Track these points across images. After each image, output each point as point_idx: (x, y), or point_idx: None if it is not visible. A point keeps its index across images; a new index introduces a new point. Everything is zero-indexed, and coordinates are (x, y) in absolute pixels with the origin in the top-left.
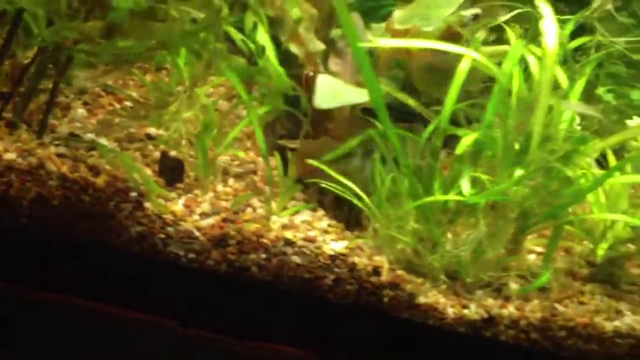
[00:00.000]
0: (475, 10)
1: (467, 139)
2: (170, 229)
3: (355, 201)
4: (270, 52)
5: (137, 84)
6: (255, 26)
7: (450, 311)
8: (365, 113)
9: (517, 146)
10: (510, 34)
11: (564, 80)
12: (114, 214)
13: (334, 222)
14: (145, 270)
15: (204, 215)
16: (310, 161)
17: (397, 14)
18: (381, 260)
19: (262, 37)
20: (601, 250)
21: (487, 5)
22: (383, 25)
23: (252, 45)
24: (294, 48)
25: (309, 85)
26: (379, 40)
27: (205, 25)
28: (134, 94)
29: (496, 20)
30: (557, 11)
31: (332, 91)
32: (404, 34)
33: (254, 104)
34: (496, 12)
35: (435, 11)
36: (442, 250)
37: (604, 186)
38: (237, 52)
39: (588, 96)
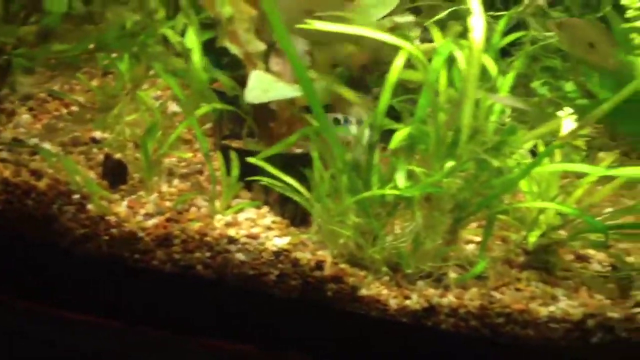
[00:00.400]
0: (409, 18)
1: (399, 134)
2: (114, 230)
3: (297, 198)
4: (197, 54)
5: (83, 88)
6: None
7: (393, 302)
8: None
9: (449, 139)
10: (436, 32)
11: (498, 75)
12: (57, 217)
13: (278, 219)
14: (91, 272)
15: (148, 215)
16: (252, 159)
17: (339, 13)
18: (324, 254)
19: (191, 39)
20: (533, 238)
21: (428, 4)
22: None
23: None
24: (233, 49)
25: None
26: (316, 23)
27: (141, 27)
28: (81, 99)
29: (432, 19)
30: (494, 8)
31: (263, 86)
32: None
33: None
34: (435, 10)
35: (374, 11)
36: (382, 242)
37: (536, 175)
38: (177, 54)
39: (526, 90)
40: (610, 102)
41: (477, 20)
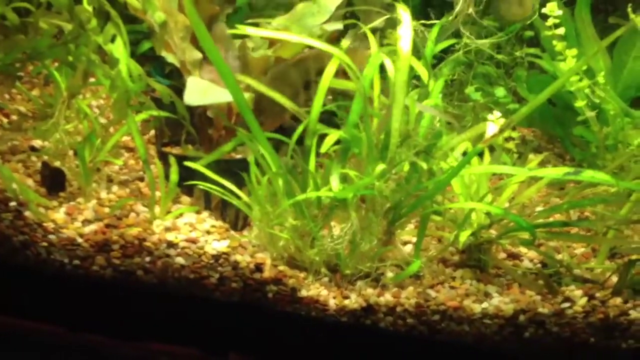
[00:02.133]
0: (338, 26)
1: (330, 138)
2: (52, 237)
3: (235, 201)
4: (123, 63)
5: (25, 98)
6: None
7: (332, 302)
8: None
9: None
10: (372, 40)
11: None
12: None
13: (217, 223)
14: (32, 278)
15: (87, 221)
16: (188, 163)
17: (275, 21)
18: (263, 257)
19: (118, 48)
20: (463, 237)
21: (366, 11)
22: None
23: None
24: (170, 58)
25: None
26: (248, 29)
27: (73, 36)
28: (21, 108)
29: (366, 27)
30: (427, 17)
31: (201, 90)
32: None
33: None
34: (373, 18)
35: (310, 19)
36: (319, 244)
37: (467, 177)
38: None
39: (461, 95)
40: (528, 106)
41: (406, 30)
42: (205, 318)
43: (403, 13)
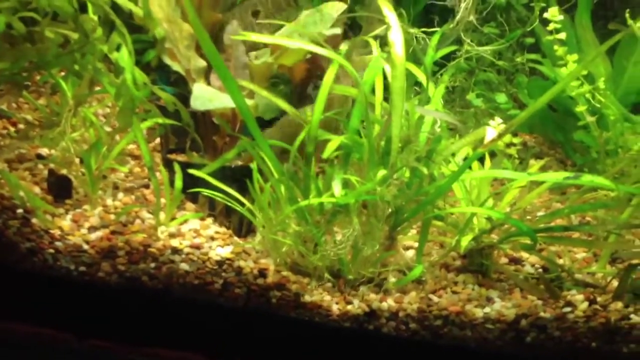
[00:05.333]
0: (336, 30)
1: (332, 144)
2: (59, 244)
3: (239, 208)
4: (128, 72)
5: (31, 107)
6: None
7: (335, 307)
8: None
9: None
10: (374, 45)
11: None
12: (3, 231)
13: (221, 229)
14: (39, 284)
15: (93, 228)
16: (193, 171)
17: (280, 31)
18: (267, 263)
19: (124, 57)
20: (465, 242)
21: (367, 19)
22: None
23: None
24: (175, 66)
25: None
26: (252, 35)
27: (79, 45)
28: (28, 117)
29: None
30: (429, 24)
31: (207, 96)
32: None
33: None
34: (374, 25)
35: (312, 28)
36: (322, 249)
37: (468, 182)
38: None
39: (463, 102)
40: (527, 111)
41: (396, 35)
42: (211, 324)
43: (390, 16)
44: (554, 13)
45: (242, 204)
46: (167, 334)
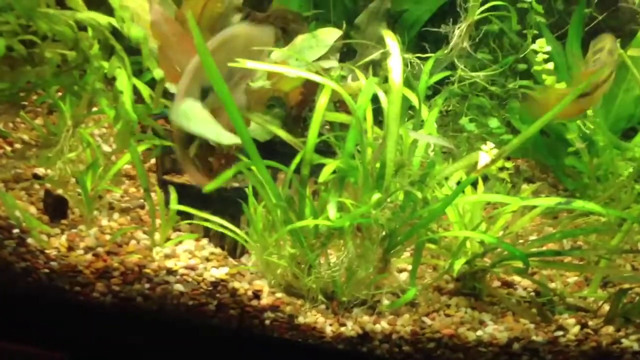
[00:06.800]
0: (333, 63)
1: (328, 168)
2: (54, 264)
3: (232, 231)
4: (127, 95)
5: (28, 127)
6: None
7: (329, 329)
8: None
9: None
10: (363, 74)
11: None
12: None
13: (216, 250)
14: (33, 305)
15: (88, 249)
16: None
17: (274, 54)
18: (261, 284)
19: (122, 81)
20: (458, 265)
21: (362, 45)
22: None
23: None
24: (173, 88)
25: None
26: (247, 62)
27: (77, 64)
28: (25, 137)
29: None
30: (423, 50)
31: (191, 116)
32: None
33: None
34: (370, 51)
35: (308, 53)
36: (316, 272)
37: (461, 206)
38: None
39: (457, 127)
40: (519, 137)
41: (395, 62)
42: (203, 344)
43: (391, 44)
44: (542, 45)
45: (236, 229)
46: (160, 354)
